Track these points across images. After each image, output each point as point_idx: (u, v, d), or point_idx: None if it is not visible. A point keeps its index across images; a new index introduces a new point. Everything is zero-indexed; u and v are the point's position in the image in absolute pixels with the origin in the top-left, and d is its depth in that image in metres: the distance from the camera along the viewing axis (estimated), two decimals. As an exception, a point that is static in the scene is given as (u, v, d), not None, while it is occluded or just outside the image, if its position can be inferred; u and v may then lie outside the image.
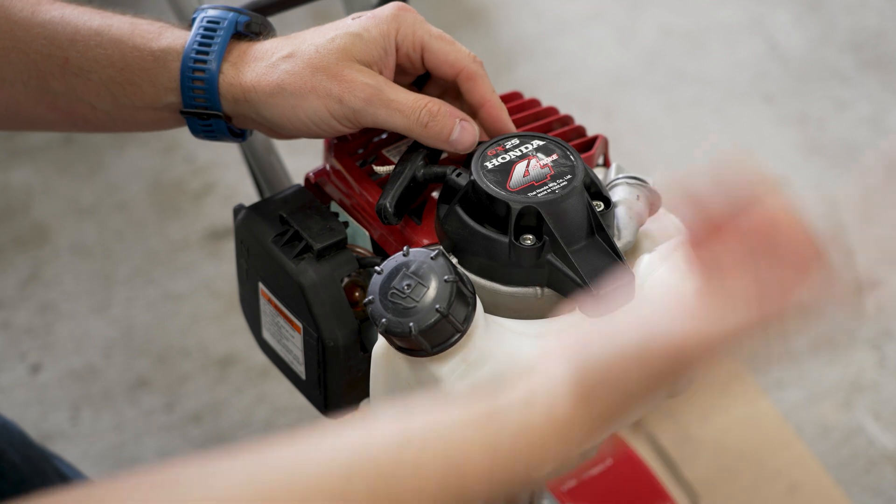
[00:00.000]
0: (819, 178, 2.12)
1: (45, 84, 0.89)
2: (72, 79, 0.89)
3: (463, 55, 0.88)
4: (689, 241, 0.70)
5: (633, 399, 0.70)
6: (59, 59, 0.89)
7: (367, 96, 0.85)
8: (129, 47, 0.88)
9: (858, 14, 2.43)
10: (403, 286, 0.77)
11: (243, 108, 0.88)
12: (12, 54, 0.89)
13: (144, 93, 0.89)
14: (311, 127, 0.87)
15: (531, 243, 0.80)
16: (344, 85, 0.85)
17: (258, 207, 0.93)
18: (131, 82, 0.88)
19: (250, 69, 0.87)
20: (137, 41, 0.88)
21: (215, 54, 0.87)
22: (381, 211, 0.84)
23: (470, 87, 0.88)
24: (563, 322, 0.80)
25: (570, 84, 2.27)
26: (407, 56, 0.88)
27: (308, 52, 0.86)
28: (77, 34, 0.89)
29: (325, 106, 0.85)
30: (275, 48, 0.87)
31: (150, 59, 0.88)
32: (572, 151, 0.84)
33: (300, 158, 1.33)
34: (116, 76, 0.88)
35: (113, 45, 0.88)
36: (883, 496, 1.68)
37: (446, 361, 0.77)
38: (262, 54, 0.88)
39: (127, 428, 1.76)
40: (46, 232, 1.98)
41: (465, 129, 0.86)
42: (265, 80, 0.86)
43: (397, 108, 0.85)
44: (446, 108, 0.86)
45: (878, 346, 1.86)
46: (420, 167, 0.86)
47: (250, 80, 0.87)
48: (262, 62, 0.87)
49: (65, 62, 0.89)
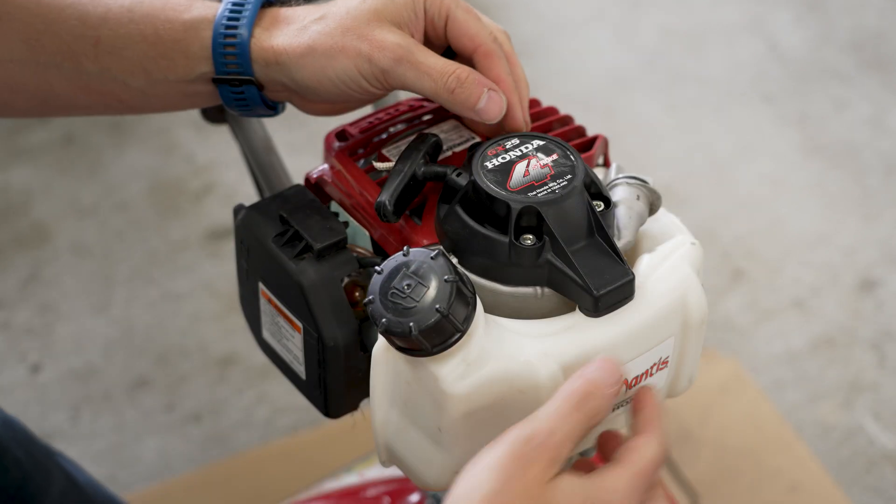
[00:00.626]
0: (819, 178, 2.12)
1: (79, 65, 0.89)
2: (105, 58, 0.89)
3: (484, 31, 0.88)
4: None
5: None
6: (92, 39, 0.88)
7: (396, 56, 0.84)
8: (161, 20, 0.88)
9: (858, 14, 2.43)
10: (403, 286, 0.77)
11: (275, 73, 0.88)
12: (45, 37, 0.89)
13: (177, 65, 0.89)
14: (342, 87, 0.87)
15: (531, 243, 0.80)
16: (374, 44, 0.85)
17: (258, 207, 0.93)
18: (164, 56, 0.88)
19: (281, 33, 0.87)
20: (169, 14, 0.88)
21: (246, 20, 0.87)
22: (381, 208, 0.84)
23: (486, 64, 0.87)
24: (563, 322, 0.80)
25: (570, 84, 2.28)
26: (432, 23, 0.88)
27: (339, 13, 0.86)
28: (109, 12, 0.89)
29: (354, 65, 0.85)
30: (306, 12, 0.87)
31: (182, 30, 0.88)
32: (572, 151, 0.84)
33: (300, 158, 1.33)
34: (149, 51, 0.88)
35: (145, 20, 0.88)
36: (883, 496, 1.68)
37: (446, 361, 0.77)
38: (294, 18, 0.88)
39: (127, 428, 1.76)
40: (46, 232, 1.98)
41: (492, 99, 0.85)
42: (296, 42, 0.86)
43: (426, 71, 0.85)
44: (475, 76, 0.85)
45: (878, 346, 1.86)
46: (420, 165, 0.86)
47: (282, 42, 0.87)
48: (294, 25, 0.87)
49: (97, 41, 0.88)
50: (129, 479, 1.69)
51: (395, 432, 0.83)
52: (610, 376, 0.76)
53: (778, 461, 1.59)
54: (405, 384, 0.81)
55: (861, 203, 2.07)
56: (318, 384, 0.91)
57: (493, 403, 0.78)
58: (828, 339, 1.87)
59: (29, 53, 0.89)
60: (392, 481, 1.21)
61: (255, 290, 0.94)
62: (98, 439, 1.74)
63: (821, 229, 2.03)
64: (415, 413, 0.81)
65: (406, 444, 0.83)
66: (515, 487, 0.73)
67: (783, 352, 1.85)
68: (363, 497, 1.22)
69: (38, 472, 1.09)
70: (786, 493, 1.56)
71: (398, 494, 1.19)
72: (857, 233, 2.02)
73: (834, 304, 1.92)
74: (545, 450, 0.74)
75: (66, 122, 2.16)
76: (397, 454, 0.84)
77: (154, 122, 2.19)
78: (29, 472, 1.08)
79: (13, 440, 1.09)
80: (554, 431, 0.74)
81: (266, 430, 1.75)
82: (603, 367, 0.76)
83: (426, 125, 0.94)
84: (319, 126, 1.81)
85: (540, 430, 0.74)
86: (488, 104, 0.85)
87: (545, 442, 0.74)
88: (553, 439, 0.74)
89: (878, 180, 2.11)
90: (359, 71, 0.85)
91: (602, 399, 0.76)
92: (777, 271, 1.97)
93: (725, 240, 2.01)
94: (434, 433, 0.80)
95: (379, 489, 1.21)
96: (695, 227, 0.91)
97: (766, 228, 2.04)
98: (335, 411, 0.93)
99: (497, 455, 0.74)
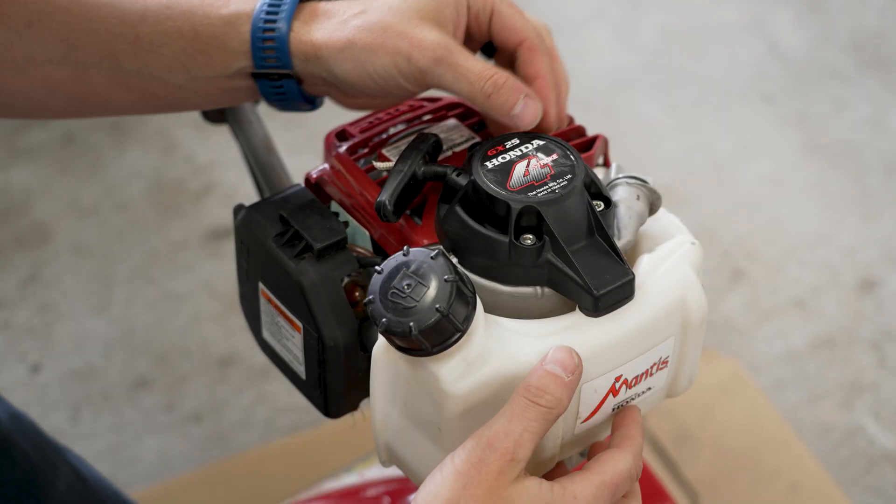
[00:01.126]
0: (819, 178, 2.12)
1: (118, 64, 0.89)
2: (143, 55, 0.89)
3: (528, 26, 0.87)
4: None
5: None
6: (131, 37, 0.88)
7: (436, 56, 0.84)
8: (199, 16, 0.88)
9: (858, 14, 2.43)
10: (403, 286, 0.77)
11: (314, 67, 0.87)
12: (84, 37, 0.88)
13: (216, 61, 0.88)
14: (380, 83, 0.86)
15: (531, 243, 0.80)
16: (414, 43, 0.84)
17: (258, 207, 0.93)
18: (202, 52, 0.88)
19: (321, 26, 0.87)
20: (207, 10, 0.88)
21: (285, 13, 0.87)
22: (381, 208, 0.84)
23: (528, 58, 0.87)
24: (563, 322, 0.80)
25: (571, 84, 2.27)
26: (476, 17, 0.87)
27: (380, 9, 0.86)
28: (146, 10, 0.88)
29: (393, 63, 0.85)
30: (346, 7, 0.87)
31: (220, 25, 0.88)
32: (572, 151, 0.84)
33: (300, 158, 1.33)
34: (188, 47, 0.88)
35: (182, 16, 0.88)
36: (883, 496, 1.68)
37: (446, 361, 0.77)
38: (334, 13, 0.87)
39: (127, 428, 1.76)
40: (46, 232, 1.98)
41: (527, 106, 0.85)
42: (336, 36, 0.86)
43: (464, 74, 0.84)
44: (512, 82, 0.85)
45: (878, 346, 1.86)
46: (420, 165, 0.86)
47: (321, 36, 0.86)
48: (334, 19, 0.87)
49: (136, 39, 0.88)
50: (129, 479, 1.69)
51: (394, 432, 0.83)
52: (564, 366, 0.76)
53: (778, 461, 1.59)
54: (405, 384, 0.81)
55: (861, 203, 2.07)
56: (318, 384, 0.91)
57: (493, 403, 0.78)
58: (828, 339, 1.87)
59: (67, 53, 0.89)
60: (392, 481, 1.21)
61: (255, 289, 0.94)
62: (98, 439, 1.74)
63: (821, 229, 2.03)
64: (415, 413, 0.81)
65: (406, 444, 0.83)
66: (474, 493, 0.74)
67: (783, 352, 1.85)
68: (363, 497, 1.22)
69: (46, 466, 1.09)
70: (786, 493, 1.56)
71: (398, 494, 1.19)
72: (857, 233, 2.02)
73: (834, 304, 1.92)
74: (503, 452, 0.75)
75: (66, 122, 2.16)
76: (397, 454, 0.84)
77: (154, 122, 2.19)
78: (37, 466, 1.08)
79: (21, 434, 1.09)
80: (509, 432, 0.75)
81: (266, 430, 1.75)
82: (556, 357, 0.77)
83: (426, 125, 0.94)
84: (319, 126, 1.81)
85: (496, 432, 0.75)
86: (524, 111, 0.85)
87: (502, 444, 0.75)
88: (509, 439, 0.75)
89: (878, 180, 2.11)
90: (397, 69, 0.85)
91: (559, 389, 0.76)
92: (777, 271, 1.97)
93: (725, 240, 2.01)
94: (434, 433, 0.80)
95: (379, 489, 1.21)
96: (695, 227, 0.91)
97: (766, 228, 2.04)
98: (335, 411, 0.93)
99: (456, 462, 0.75)
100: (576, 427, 0.82)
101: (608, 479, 0.77)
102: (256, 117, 1.07)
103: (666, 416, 1.60)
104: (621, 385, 0.82)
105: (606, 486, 0.77)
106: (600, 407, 0.82)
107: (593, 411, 0.82)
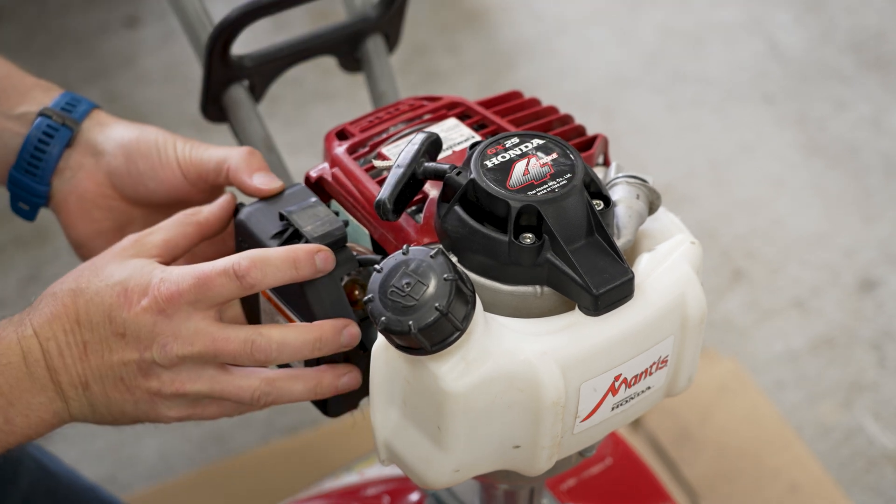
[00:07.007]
0: (819, 178, 2.12)
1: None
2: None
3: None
4: None
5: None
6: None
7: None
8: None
9: (858, 14, 2.43)
10: (403, 284, 0.77)
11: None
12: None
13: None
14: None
15: (531, 242, 0.80)
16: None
17: (258, 206, 0.93)
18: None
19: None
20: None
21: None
22: (380, 207, 0.84)
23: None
24: (563, 321, 0.80)
25: (570, 84, 2.28)
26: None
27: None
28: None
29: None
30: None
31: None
32: (572, 150, 0.84)
33: (300, 158, 1.33)
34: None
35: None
36: (883, 496, 1.68)
37: (446, 360, 0.77)
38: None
39: (127, 428, 1.76)
40: (46, 232, 1.98)
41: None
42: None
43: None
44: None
45: (878, 346, 1.86)
46: (420, 164, 0.86)
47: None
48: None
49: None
50: (129, 479, 1.69)
51: (394, 431, 0.83)
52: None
53: (778, 461, 1.59)
54: (405, 383, 0.81)
55: (861, 203, 2.07)
56: (318, 383, 0.90)
57: (493, 402, 0.78)
58: (828, 339, 1.87)
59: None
60: (392, 480, 1.21)
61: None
62: (98, 439, 1.74)
63: (821, 229, 2.03)
64: (414, 412, 0.81)
65: (405, 443, 0.83)
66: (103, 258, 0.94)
67: (783, 352, 1.85)
68: (363, 496, 1.22)
69: (7, 463, 1.09)
70: (786, 493, 1.56)
71: (398, 494, 1.19)
72: (857, 233, 2.02)
73: (834, 304, 1.92)
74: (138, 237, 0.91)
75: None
76: (397, 453, 0.84)
77: (154, 122, 2.18)
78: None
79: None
80: (153, 232, 0.91)
81: (266, 430, 1.75)
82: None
83: (426, 124, 0.94)
84: (319, 126, 1.81)
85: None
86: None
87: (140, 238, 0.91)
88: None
89: (878, 180, 2.11)
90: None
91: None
92: (777, 271, 1.97)
93: (725, 240, 2.01)
94: (433, 432, 0.80)
95: (379, 488, 1.21)
96: (695, 227, 0.91)
97: (766, 228, 2.04)
98: (335, 411, 0.93)
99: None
100: (575, 426, 0.82)
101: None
102: (257, 116, 1.07)
103: (666, 416, 1.59)
104: (621, 384, 0.82)
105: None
106: (599, 406, 0.82)
107: (592, 410, 0.81)
